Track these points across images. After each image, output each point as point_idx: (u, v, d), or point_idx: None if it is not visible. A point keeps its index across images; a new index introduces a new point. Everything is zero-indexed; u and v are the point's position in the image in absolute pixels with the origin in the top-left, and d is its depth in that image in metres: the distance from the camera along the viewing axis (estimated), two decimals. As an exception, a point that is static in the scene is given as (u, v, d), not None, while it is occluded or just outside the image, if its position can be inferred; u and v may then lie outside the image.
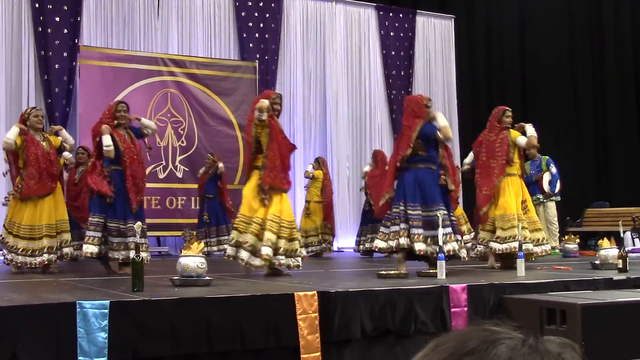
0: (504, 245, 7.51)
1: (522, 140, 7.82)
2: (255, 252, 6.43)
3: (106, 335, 4.09)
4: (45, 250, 7.37)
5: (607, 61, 17.29)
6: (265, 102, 6.81)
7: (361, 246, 11.42)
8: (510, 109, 8.01)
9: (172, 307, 4.38)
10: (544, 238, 7.94)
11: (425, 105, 7.16)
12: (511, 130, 7.91)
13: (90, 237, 6.93)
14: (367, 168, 11.75)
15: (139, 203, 7.17)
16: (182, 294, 4.70)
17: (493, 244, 7.60)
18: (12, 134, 7.47)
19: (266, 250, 6.38)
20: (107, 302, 4.19)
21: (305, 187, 11.73)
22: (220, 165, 11.35)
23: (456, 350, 0.95)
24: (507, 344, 0.94)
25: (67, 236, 7.64)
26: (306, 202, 11.50)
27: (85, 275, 6.89)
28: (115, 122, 7.23)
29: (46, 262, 7.39)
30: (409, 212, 6.67)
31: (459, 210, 11.26)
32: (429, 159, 6.88)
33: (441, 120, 7.00)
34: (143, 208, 7.53)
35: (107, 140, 7.03)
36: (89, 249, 6.92)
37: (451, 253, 6.63)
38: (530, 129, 7.81)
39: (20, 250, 7.32)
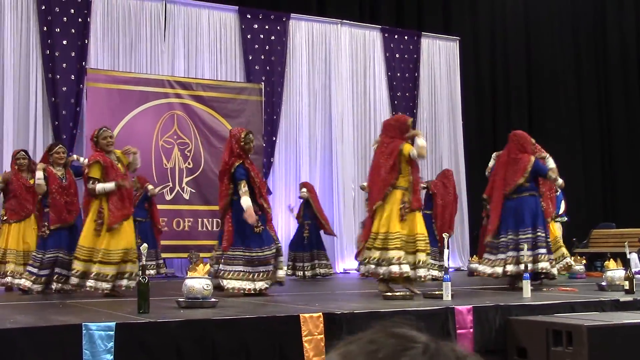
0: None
1: None
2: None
3: (112, 357, 4.10)
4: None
5: (613, 80, 17.33)
6: None
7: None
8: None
9: (178, 328, 4.38)
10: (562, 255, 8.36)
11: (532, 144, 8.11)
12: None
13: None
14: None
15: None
16: (188, 316, 4.71)
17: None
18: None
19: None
20: (113, 323, 4.19)
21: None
22: (150, 187, 11.25)
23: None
24: (411, 355, 0.98)
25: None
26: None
27: (91, 296, 6.89)
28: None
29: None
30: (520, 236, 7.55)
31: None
32: (532, 188, 7.77)
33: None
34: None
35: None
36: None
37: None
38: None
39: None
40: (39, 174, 7.61)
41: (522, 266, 7.20)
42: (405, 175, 6.88)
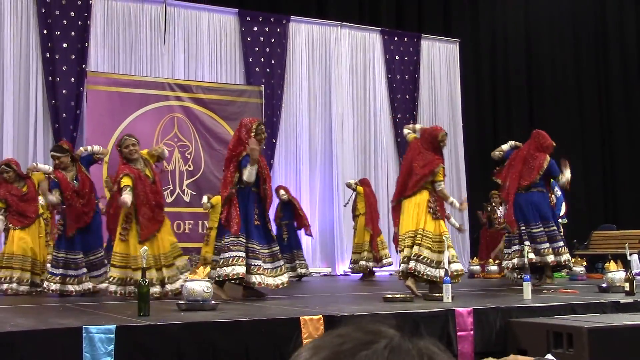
0: None
1: None
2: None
3: (112, 360, 4.10)
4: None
5: (613, 81, 17.33)
6: None
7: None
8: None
9: (178, 331, 4.38)
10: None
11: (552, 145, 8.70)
12: None
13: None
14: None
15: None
16: (188, 319, 4.71)
17: None
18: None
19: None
20: (113, 326, 4.19)
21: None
22: None
23: (335, 351, 1.01)
24: (380, 345, 1.01)
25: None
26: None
27: (91, 300, 6.89)
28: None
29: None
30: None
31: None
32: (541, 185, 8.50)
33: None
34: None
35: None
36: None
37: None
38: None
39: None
40: (50, 197, 7.58)
41: (541, 257, 8.19)
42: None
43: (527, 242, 8.14)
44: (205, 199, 11.10)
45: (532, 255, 8.09)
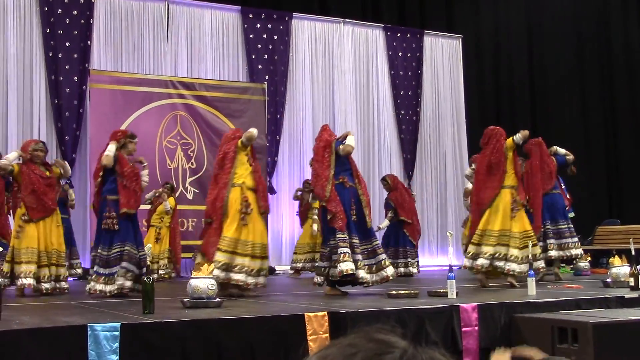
0: None
1: None
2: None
3: (117, 357, 4.10)
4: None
5: (616, 76, 17.28)
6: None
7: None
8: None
9: (183, 329, 4.38)
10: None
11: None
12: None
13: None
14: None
15: None
16: (192, 316, 4.71)
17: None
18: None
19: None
20: (118, 324, 4.20)
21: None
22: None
23: None
24: (393, 356, 0.99)
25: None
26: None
27: (95, 297, 6.89)
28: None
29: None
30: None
31: None
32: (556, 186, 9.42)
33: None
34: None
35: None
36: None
37: None
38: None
39: None
40: (112, 147, 7.11)
41: (565, 252, 8.98)
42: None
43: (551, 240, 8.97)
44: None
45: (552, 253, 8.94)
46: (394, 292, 6.33)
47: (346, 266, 6.68)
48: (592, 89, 17.21)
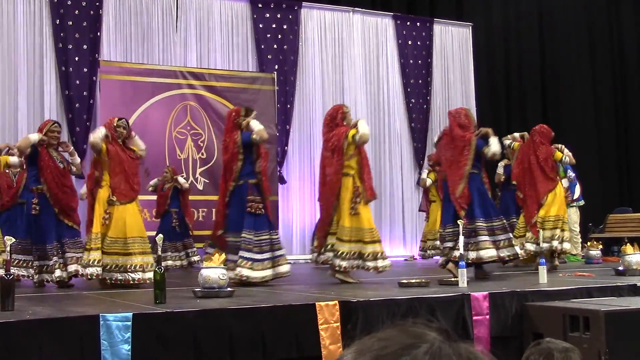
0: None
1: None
2: None
3: (129, 347, 4.12)
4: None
5: (628, 64, 17.19)
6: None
7: None
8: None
9: (195, 318, 4.40)
10: None
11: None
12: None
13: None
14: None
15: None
16: (204, 306, 4.73)
17: None
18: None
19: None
20: (130, 314, 4.22)
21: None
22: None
23: (377, 355, 1.02)
24: (421, 350, 1.01)
25: None
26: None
27: (107, 287, 6.92)
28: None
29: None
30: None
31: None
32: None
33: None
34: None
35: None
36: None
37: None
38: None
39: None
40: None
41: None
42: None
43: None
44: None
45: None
46: (404, 281, 6.33)
47: (486, 253, 7.04)
48: (604, 77, 17.11)
